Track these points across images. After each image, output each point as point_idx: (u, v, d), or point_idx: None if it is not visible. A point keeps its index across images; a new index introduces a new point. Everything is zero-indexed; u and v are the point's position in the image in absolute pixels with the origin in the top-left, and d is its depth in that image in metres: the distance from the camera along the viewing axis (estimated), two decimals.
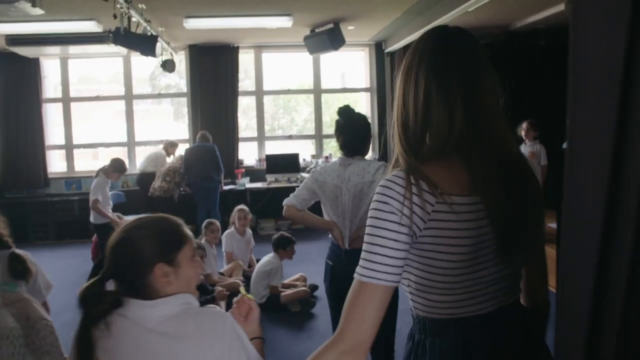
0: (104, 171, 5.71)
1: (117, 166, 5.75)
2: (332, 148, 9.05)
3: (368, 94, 9.07)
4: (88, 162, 9.35)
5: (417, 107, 1.15)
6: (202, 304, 4.26)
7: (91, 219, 5.74)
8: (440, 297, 1.16)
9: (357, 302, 1.05)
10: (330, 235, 2.79)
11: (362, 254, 1.08)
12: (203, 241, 4.98)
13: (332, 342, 1.04)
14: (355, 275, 1.08)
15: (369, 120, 2.82)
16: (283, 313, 4.61)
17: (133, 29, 5.66)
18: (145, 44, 5.83)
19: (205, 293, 4.39)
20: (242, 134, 8.83)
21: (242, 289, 1.67)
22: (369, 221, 1.09)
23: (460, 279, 1.13)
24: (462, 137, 1.12)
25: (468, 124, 1.12)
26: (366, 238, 1.08)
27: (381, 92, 8.82)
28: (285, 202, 2.80)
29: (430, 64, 1.15)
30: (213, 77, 8.30)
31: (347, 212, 2.67)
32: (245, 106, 9.79)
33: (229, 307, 4.51)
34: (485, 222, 1.11)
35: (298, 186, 2.87)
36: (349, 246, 2.69)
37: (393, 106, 1.23)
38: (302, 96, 10.22)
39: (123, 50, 6.79)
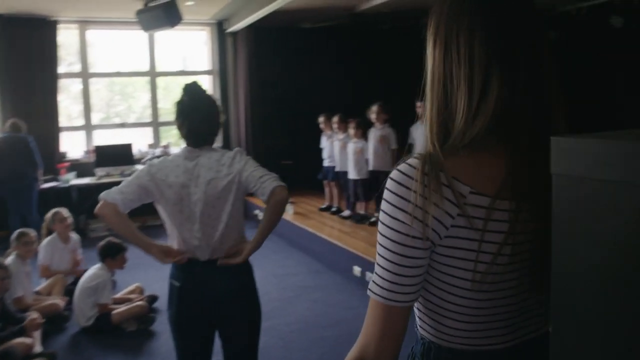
0: None
1: None
2: (172, 136, 8.27)
3: (210, 77, 8.44)
4: None
5: (473, 86, 0.88)
6: (8, 337, 3.43)
7: None
8: (455, 324, 0.96)
9: (376, 322, 0.92)
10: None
11: (375, 267, 0.93)
12: (10, 258, 4.03)
13: None
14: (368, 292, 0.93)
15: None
16: (116, 334, 3.89)
17: None
18: None
19: (12, 322, 3.52)
20: (69, 122, 7.70)
21: None
22: (379, 226, 0.91)
23: (481, 305, 0.93)
24: (514, 122, 0.88)
25: (526, 104, 0.88)
26: (377, 248, 0.92)
27: (223, 75, 8.29)
28: (104, 196, 2.06)
29: (491, 27, 0.88)
30: (27, 55, 7.09)
31: (196, 217, 2.10)
32: (78, 92, 8.61)
33: (46, 336, 3.79)
34: (522, 237, 0.89)
35: None
36: (211, 257, 2.14)
37: (428, 84, 0.96)
38: (141, 81, 9.25)
39: None
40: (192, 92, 2.16)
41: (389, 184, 0.89)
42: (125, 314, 3.95)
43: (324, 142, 6.73)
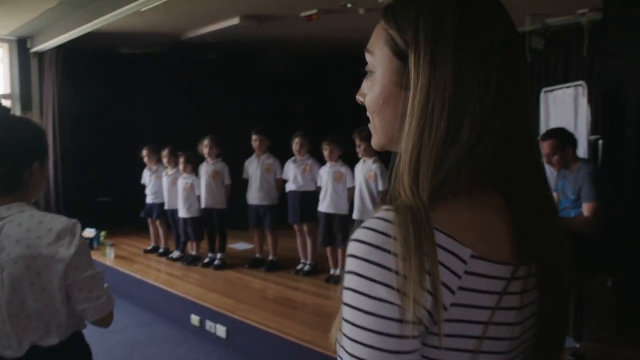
0: None
1: None
2: None
3: (9, 102, 7.29)
4: None
5: (480, 114, 0.67)
6: None
7: None
8: None
9: None
10: None
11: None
12: None
13: None
14: None
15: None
16: None
17: None
18: None
19: None
20: None
21: None
22: (345, 312, 0.64)
23: None
24: (515, 157, 0.71)
25: (527, 136, 0.72)
26: (345, 344, 0.64)
27: (26, 100, 7.22)
28: None
29: (504, 44, 0.69)
30: None
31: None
32: None
33: None
34: (529, 310, 0.71)
35: None
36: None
37: (412, 116, 0.68)
38: None
39: None
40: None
41: (355, 248, 0.64)
42: None
43: (147, 177, 6.18)
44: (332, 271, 4.97)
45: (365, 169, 4.60)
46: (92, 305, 1.58)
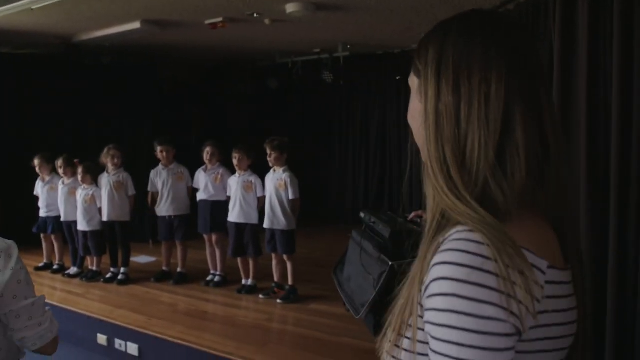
0: None
1: None
2: None
3: None
4: None
5: (489, 125, 0.74)
6: None
7: None
8: None
9: None
10: None
11: None
12: None
13: None
14: None
15: None
16: None
17: None
18: None
19: None
20: None
21: None
22: (439, 343, 0.67)
23: None
24: (550, 168, 0.77)
25: (558, 147, 0.78)
26: None
27: None
28: None
29: (509, 59, 0.76)
30: None
31: None
32: None
33: None
34: (573, 314, 0.77)
35: None
36: None
37: (428, 124, 0.78)
38: None
39: None
40: None
41: (450, 271, 0.67)
42: None
43: (40, 189, 5.74)
44: (243, 281, 4.95)
45: (275, 178, 4.65)
46: (33, 333, 1.47)
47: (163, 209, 5.24)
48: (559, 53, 2.60)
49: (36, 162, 5.60)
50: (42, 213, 5.68)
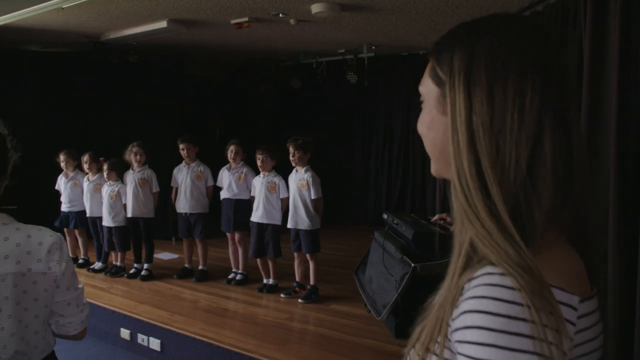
0: None
1: None
2: None
3: None
4: None
5: (522, 138, 0.70)
6: None
7: None
8: None
9: None
10: None
11: None
12: None
13: None
14: None
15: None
16: None
17: None
18: None
19: None
20: None
21: None
22: None
23: None
24: (577, 188, 0.74)
25: (582, 167, 0.75)
26: None
27: None
28: None
29: (545, 69, 0.72)
30: None
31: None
32: None
33: None
34: (600, 339, 0.76)
35: None
36: None
37: (457, 137, 0.73)
38: None
39: None
40: None
41: (485, 321, 0.64)
42: None
43: (62, 184, 5.83)
44: (265, 280, 4.97)
45: (297, 179, 4.65)
46: (78, 318, 1.58)
47: (180, 205, 5.29)
48: (589, 53, 2.55)
49: (62, 157, 5.71)
50: (65, 208, 5.78)
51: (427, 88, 0.79)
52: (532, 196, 0.69)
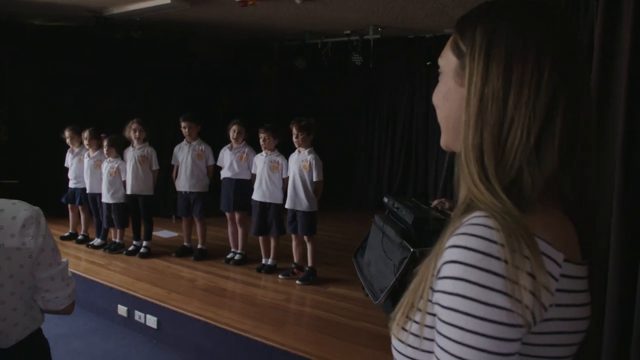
0: None
1: None
2: None
3: None
4: None
5: (535, 112, 0.72)
6: None
7: None
8: None
9: None
10: None
11: None
12: None
13: None
14: None
15: None
16: None
17: None
18: None
19: None
20: None
21: None
22: (449, 315, 0.66)
23: None
24: (580, 162, 0.76)
25: (588, 143, 0.76)
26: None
27: None
28: None
29: (564, 46, 0.74)
30: None
31: None
32: None
33: None
34: (587, 309, 0.76)
35: None
36: None
37: (469, 108, 0.75)
38: None
39: None
40: None
41: (460, 255, 0.66)
42: None
43: (69, 160, 5.82)
44: (263, 261, 4.96)
45: (300, 159, 4.60)
46: (64, 292, 1.55)
47: (180, 183, 5.26)
48: (599, 36, 2.49)
49: (67, 133, 5.68)
50: (71, 184, 5.77)
51: (447, 59, 0.81)
52: (537, 166, 0.72)
